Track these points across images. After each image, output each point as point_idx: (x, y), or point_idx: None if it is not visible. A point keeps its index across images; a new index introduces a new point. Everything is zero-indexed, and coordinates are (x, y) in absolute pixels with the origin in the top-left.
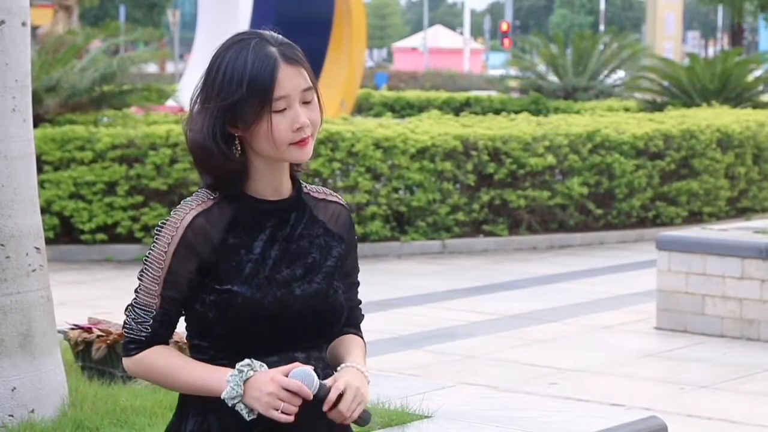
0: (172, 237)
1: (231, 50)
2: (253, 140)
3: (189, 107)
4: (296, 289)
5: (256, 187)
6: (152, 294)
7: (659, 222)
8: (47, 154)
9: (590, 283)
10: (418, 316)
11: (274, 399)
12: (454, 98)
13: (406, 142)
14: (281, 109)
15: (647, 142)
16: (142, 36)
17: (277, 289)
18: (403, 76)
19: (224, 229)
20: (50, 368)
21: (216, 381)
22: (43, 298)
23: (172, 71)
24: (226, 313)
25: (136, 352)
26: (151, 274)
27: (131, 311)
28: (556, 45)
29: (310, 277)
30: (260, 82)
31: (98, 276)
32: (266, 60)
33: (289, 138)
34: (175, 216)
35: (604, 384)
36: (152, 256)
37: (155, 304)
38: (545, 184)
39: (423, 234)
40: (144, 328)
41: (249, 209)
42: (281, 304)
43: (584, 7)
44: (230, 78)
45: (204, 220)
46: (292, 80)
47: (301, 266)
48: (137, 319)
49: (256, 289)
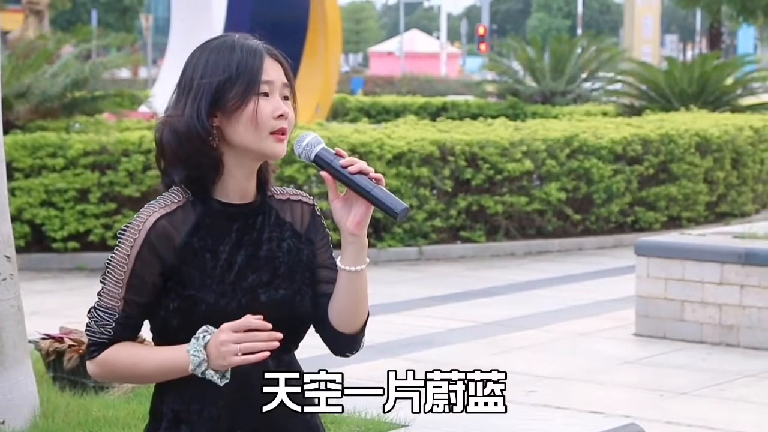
0: (134, 239)
1: (213, 44)
2: (232, 128)
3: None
4: (261, 296)
5: (223, 189)
6: (115, 297)
7: (638, 227)
8: (18, 161)
9: (568, 290)
10: (395, 323)
11: (228, 345)
12: (431, 103)
13: (383, 148)
14: (265, 93)
15: (625, 146)
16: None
17: (242, 296)
18: (379, 81)
19: (188, 233)
20: (21, 378)
21: (180, 358)
22: (13, 307)
23: (145, 76)
24: (189, 320)
25: (97, 354)
26: (113, 277)
27: (93, 314)
28: (534, 49)
29: (276, 283)
30: (249, 65)
31: (70, 285)
32: (252, 48)
33: (270, 124)
34: (138, 219)
35: (583, 391)
36: (115, 259)
37: (118, 307)
38: (523, 189)
39: (399, 240)
40: (106, 330)
41: (214, 213)
42: (245, 311)
43: (561, 10)
44: (216, 62)
45: (167, 223)
46: (276, 71)
47: (268, 271)
48: (99, 321)
49: (220, 295)
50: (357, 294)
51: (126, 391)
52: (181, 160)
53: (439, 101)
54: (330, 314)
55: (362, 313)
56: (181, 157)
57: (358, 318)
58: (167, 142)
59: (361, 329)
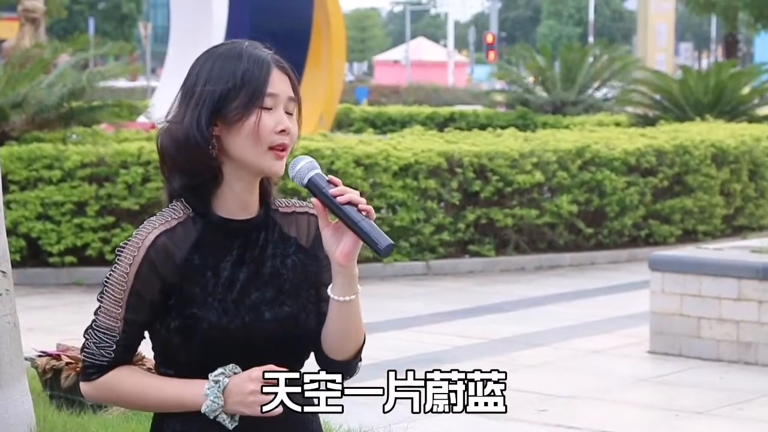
0: (134, 257)
1: (221, 49)
2: (232, 140)
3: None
4: (266, 313)
5: (224, 203)
6: (114, 317)
7: (652, 241)
8: (13, 173)
9: (580, 306)
10: (402, 340)
11: (257, 396)
12: (438, 113)
13: (388, 159)
14: (268, 107)
15: (639, 158)
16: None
17: (245, 314)
18: (384, 91)
19: (188, 250)
20: (17, 397)
21: (191, 395)
22: (9, 323)
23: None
24: (191, 340)
25: (97, 376)
26: (112, 296)
27: (92, 335)
28: (544, 57)
29: (281, 300)
30: (255, 74)
31: (67, 300)
32: (260, 59)
33: (270, 139)
34: (137, 236)
35: (595, 410)
36: (114, 277)
37: (118, 328)
38: (533, 202)
39: (406, 255)
40: (107, 353)
41: (215, 229)
42: (249, 330)
43: (572, 17)
44: (221, 69)
45: (167, 239)
46: (282, 84)
47: (272, 288)
48: (99, 343)
49: (222, 313)
50: (348, 323)
51: (125, 410)
52: (178, 167)
53: (446, 111)
54: (323, 340)
55: (354, 341)
56: (178, 165)
57: (349, 346)
58: (166, 149)
59: (353, 356)
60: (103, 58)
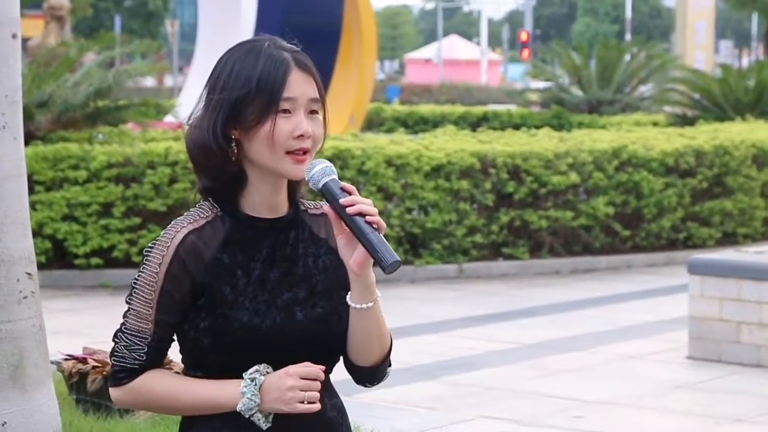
0: (163, 257)
1: (241, 50)
2: (250, 144)
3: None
4: (298, 313)
5: (252, 202)
6: (145, 318)
7: (691, 244)
8: (39, 173)
9: (617, 310)
10: (434, 344)
11: (296, 392)
12: (471, 112)
13: (420, 160)
14: (285, 110)
15: (677, 158)
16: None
17: (276, 314)
18: (416, 89)
19: (217, 249)
20: (43, 401)
21: (226, 395)
22: (35, 326)
23: (171, 85)
24: (221, 340)
25: (128, 380)
26: (142, 297)
27: (122, 338)
28: (580, 55)
29: (313, 301)
30: (271, 79)
31: (93, 303)
32: (279, 61)
33: (287, 144)
34: (165, 235)
35: (632, 417)
36: (143, 278)
37: (148, 330)
38: (568, 203)
39: (438, 257)
40: (138, 355)
41: (244, 227)
42: (281, 330)
43: (609, 15)
44: (238, 74)
45: (196, 238)
46: (302, 86)
47: (304, 288)
48: (130, 346)
49: (254, 313)
50: (368, 330)
51: (152, 414)
52: (202, 169)
53: (479, 111)
54: (347, 347)
55: (377, 347)
56: (202, 167)
57: (372, 352)
58: (190, 151)
59: (379, 362)
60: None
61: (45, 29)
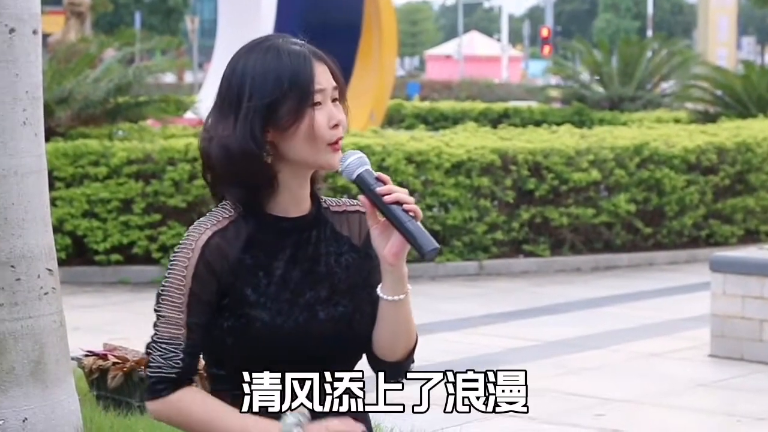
0: (189, 259)
1: (254, 52)
2: (288, 143)
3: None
4: (320, 313)
5: (278, 202)
6: (177, 324)
7: (713, 242)
8: (59, 169)
9: (638, 308)
10: (454, 342)
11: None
12: (492, 109)
13: (441, 157)
14: (318, 103)
15: (699, 155)
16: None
17: (299, 314)
18: (436, 86)
19: (241, 249)
20: (63, 398)
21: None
22: (55, 323)
23: (191, 81)
24: (244, 340)
25: (167, 392)
26: (172, 302)
27: (156, 348)
28: (601, 52)
29: (336, 299)
30: (301, 76)
31: (113, 299)
32: (299, 55)
33: (328, 136)
34: (189, 238)
35: (654, 416)
36: (170, 284)
37: (182, 335)
38: (590, 200)
39: (459, 254)
40: (174, 363)
41: (267, 227)
42: (303, 330)
43: (630, 11)
44: (264, 76)
45: (220, 239)
46: (324, 75)
47: (326, 287)
48: (165, 354)
49: (276, 313)
50: (397, 323)
51: None
52: (233, 178)
53: (500, 107)
54: (373, 340)
55: (404, 341)
56: (233, 176)
57: (399, 346)
58: (217, 160)
59: (405, 357)
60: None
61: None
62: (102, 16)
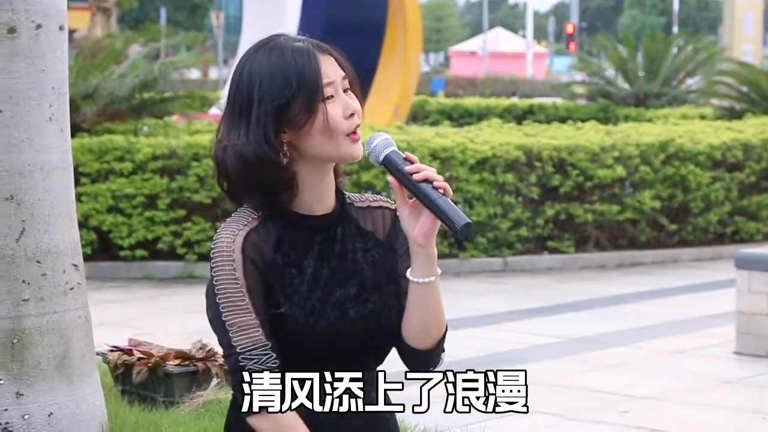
0: (233, 260)
1: (258, 55)
2: (304, 141)
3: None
4: (350, 311)
5: (302, 200)
6: (252, 326)
7: (738, 239)
8: (84, 165)
9: (663, 304)
10: (478, 338)
11: None
12: (517, 106)
13: (465, 153)
14: (329, 96)
15: (725, 152)
16: (185, 40)
17: (330, 312)
18: (461, 82)
19: (273, 249)
20: (88, 392)
21: None
22: (81, 318)
23: (216, 77)
24: (278, 338)
25: (274, 409)
26: (236, 307)
27: (247, 358)
28: (626, 48)
29: (364, 296)
30: (308, 73)
31: (138, 295)
32: (302, 52)
33: (344, 126)
34: (224, 241)
35: (679, 413)
36: (226, 289)
37: (263, 336)
38: (614, 197)
39: (483, 251)
40: (273, 364)
41: (294, 226)
42: (335, 329)
43: (656, 7)
44: (271, 77)
45: (256, 237)
46: (331, 67)
47: (355, 284)
48: (260, 360)
49: (309, 313)
50: (428, 307)
51: (197, 407)
52: (251, 184)
53: (525, 104)
54: (403, 328)
55: (435, 327)
56: (251, 182)
57: (430, 333)
58: (233, 168)
59: (436, 345)
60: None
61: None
62: (127, 12)
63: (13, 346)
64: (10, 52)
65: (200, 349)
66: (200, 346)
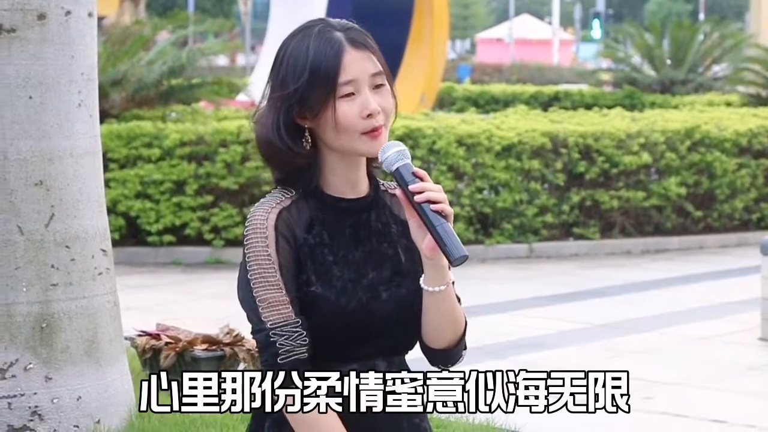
0: (266, 237)
1: (295, 39)
2: (321, 131)
3: (259, 101)
4: (383, 293)
5: (332, 183)
6: (283, 303)
7: (764, 225)
8: (113, 151)
9: (688, 291)
10: (503, 324)
11: None
12: (542, 92)
13: (491, 139)
14: (348, 94)
15: (751, 139)
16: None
17: (362, 294)
18: (487, 69)
19: (304, 229)
20: (117, 377)
21: None
22: (109, 303)
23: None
24: (308, 319)
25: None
26: (268, 283)
27: (277, 334)
28: (652, 35)
29: (397, 281)
30: (323, 67)
31: (166, 280)
32: (330, 44)
33: (359, 126)
34: (257, 218)
35: (703, 399)
36: (258, 265)
37: (293, 312)
38: (640, 184)
39: (509, 237)
40: (303, 341)
41: (327, 208)
42: (366, 310)
43: None
44: (293, 66)
45: (288, 216)
46: (359, 64)
47: (388, 269)
48: (291, 336)
49: (341, 293)
50: (441, 313)
51: None
52: (274, 162)
53: (551, 90)
54: (421, 328)
55: (450, 330)
56: (274, 160)
57: (445, 335)
58: (259, 147)
59: (454, 344)
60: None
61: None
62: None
63: (42, 331)
64: (39, 38)
65: (227, 334)
66: (227, 331)
